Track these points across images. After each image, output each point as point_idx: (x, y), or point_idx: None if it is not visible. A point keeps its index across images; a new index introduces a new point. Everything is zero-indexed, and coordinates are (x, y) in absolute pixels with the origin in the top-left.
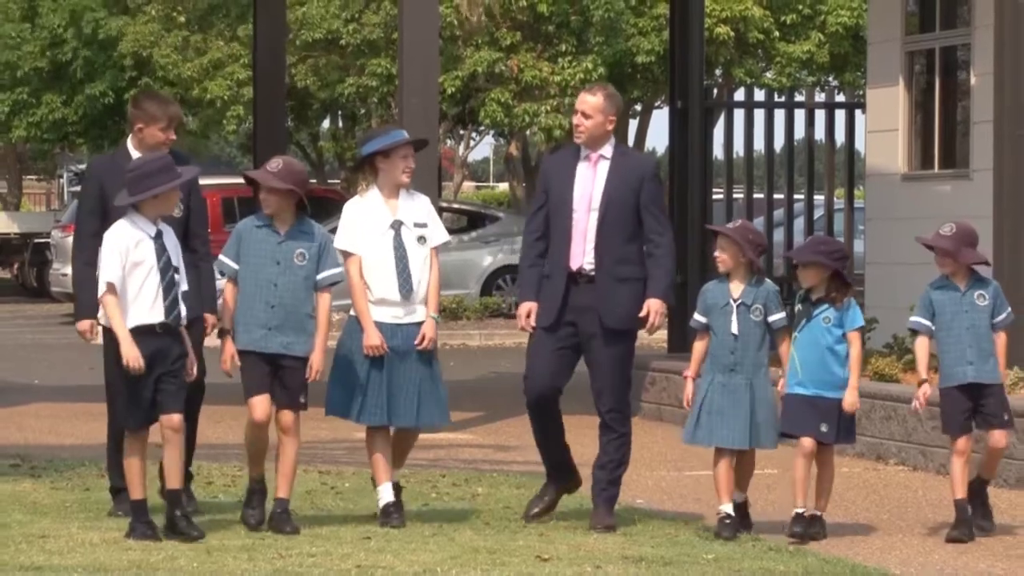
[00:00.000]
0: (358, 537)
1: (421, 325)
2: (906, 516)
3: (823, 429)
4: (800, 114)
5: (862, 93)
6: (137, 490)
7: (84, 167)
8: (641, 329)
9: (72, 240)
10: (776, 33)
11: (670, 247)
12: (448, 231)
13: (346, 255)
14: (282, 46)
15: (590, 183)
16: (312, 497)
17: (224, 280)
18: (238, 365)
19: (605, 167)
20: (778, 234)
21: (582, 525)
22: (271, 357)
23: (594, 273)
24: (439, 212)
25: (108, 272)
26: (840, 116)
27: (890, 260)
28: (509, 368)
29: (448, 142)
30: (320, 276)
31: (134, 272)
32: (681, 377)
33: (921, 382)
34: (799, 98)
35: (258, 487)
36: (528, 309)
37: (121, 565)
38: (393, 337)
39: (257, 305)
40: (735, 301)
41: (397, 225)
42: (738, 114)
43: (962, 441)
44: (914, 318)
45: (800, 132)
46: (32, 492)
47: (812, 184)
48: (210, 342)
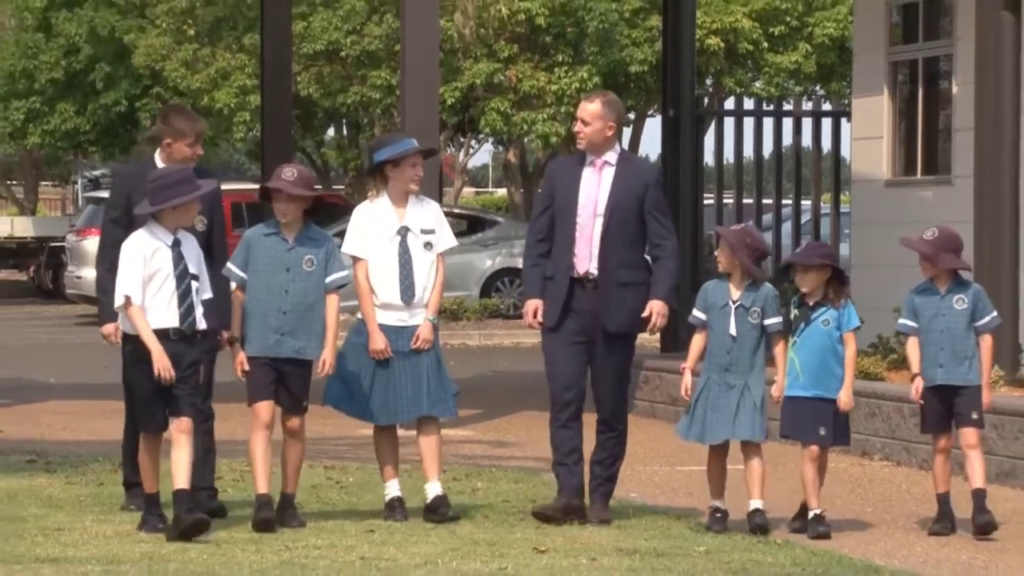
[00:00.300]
0: (362, 530)
1: None
2: (890, 510)
3: (821, 432)
4: (788, 122)
5: (847, 102)
6: (151, 484)
7: (98, 173)
8: (643, 332)
9: (97, 247)
10: (765, 44)
11: (674, 251)
12: None
13: (354, 260)
14: (288, 57)
15: (595, 188)
16: (318, 491)
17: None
18: (248, 371)
19: (610, 173)
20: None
21: (578, 518)
22: (279, 363)
23: (597, 278)
24: None
25: (125, 284)
26: (826, 124)
27: (875, 263)
28: (507, 367)
29: (449, 149)
30: (328, 279)
31: (151, 279)
32: (675, 375)
33: (914, 376)
34: (787, 107)
35: (264, 500)
36: (535, 307)
37: (133, 556)
38: (397, 339)
39: (270, 312)
40: (734, 303)
41: (403, 231)
42: (728, 122)
43: (942, 439)
44: (901, 321)
45: (788, 139)
46: (48, 487)
47: (799, 190)
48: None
